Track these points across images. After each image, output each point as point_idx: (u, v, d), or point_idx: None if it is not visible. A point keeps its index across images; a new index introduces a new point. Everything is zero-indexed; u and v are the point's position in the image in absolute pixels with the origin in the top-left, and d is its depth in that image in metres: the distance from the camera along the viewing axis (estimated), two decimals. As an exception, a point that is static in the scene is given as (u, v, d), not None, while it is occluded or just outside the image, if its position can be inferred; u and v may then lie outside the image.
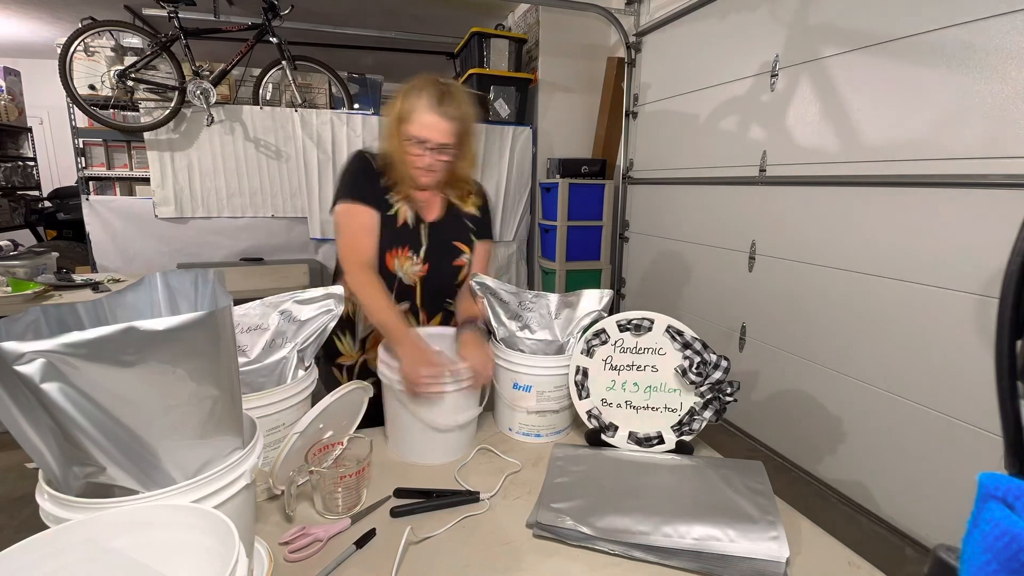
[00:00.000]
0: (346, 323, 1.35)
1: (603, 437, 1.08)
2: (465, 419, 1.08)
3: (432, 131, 1.16)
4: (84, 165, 3.30)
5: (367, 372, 1.32)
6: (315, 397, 0.98)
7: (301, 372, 0.98)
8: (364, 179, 1.23)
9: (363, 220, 1.20)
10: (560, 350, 1.19)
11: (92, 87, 3.23)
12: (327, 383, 1.31)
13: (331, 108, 3.63)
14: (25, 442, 0.55)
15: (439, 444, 1.08)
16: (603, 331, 1.10)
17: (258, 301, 1.04)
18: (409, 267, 1.26)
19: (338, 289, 1.06)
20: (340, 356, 1.36)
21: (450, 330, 1.25)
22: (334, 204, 1.23)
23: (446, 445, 1.08)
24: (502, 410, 1.20)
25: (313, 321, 1.02)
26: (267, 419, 0.89)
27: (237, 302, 0.85)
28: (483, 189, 1.41)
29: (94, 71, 3.23)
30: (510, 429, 1.19)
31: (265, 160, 3.40)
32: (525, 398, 1.14)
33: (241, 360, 0.95)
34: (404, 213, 1.25)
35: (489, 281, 1.24)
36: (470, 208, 1.36)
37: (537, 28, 3.51)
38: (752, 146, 2.36)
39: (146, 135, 3.14)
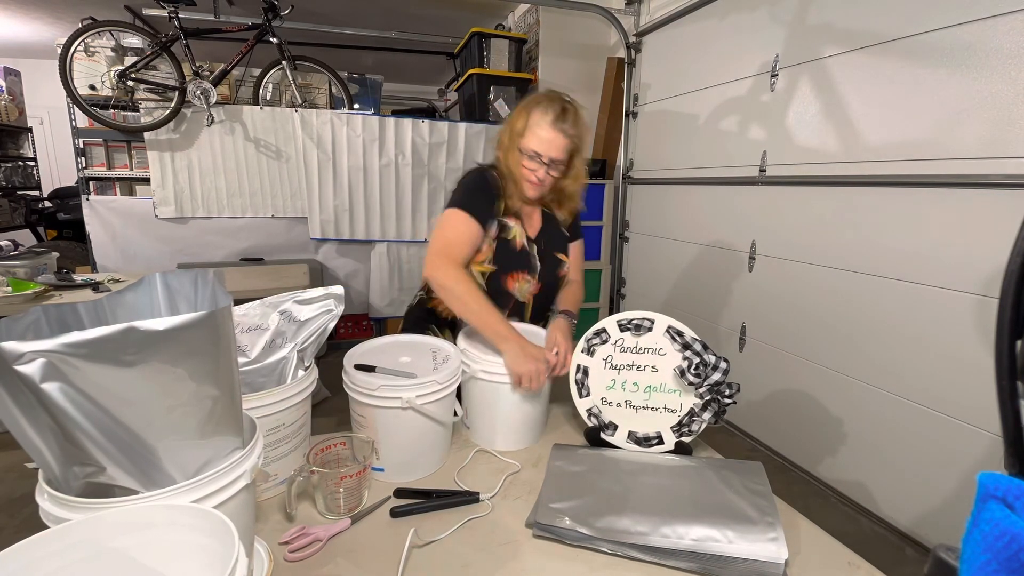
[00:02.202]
0: (445, 322, 1.37)
1: (603, 436, 1.08)
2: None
3: (548, 146, 1.19)
4: (84, 165, 3.30)
5: None
6: (314, 397, 0.98)
7: (301, 372, 0.98)
8: (481, 197, 1.24)
9: (470, 229, 1.21)
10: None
11: (92, 87, 3.23)
12: None
13: (331, 108, 3.64)
14: (25, 442, 0.56)
15: (427, 453, 1.04)
16: (603, 330, 1.10)
17: (258, 301, 1.04)
18: (526, 288, 1.31)
19: (338, 289, 1.06)
20: None
21: (533, 328, 1.27)
22: (447, 207, 1.24)
23: (433, 454, 1.05)
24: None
25: (313, 321, 1.02)
26: (267, 419, 0.89)
27: (237, 302, 0.85)
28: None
29: (94, 71, 3.23)
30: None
31: (265, 160, 3.40)
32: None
33: (241, 360, 0.95)
34: (519, 235, 1.28)
35: None
36: (563, 215, 1.40)
37: (537, 28, 3.51)
38: (752, 146, 2.36)
39: (146, 135, 3.14)
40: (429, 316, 1.36)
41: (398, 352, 1.10)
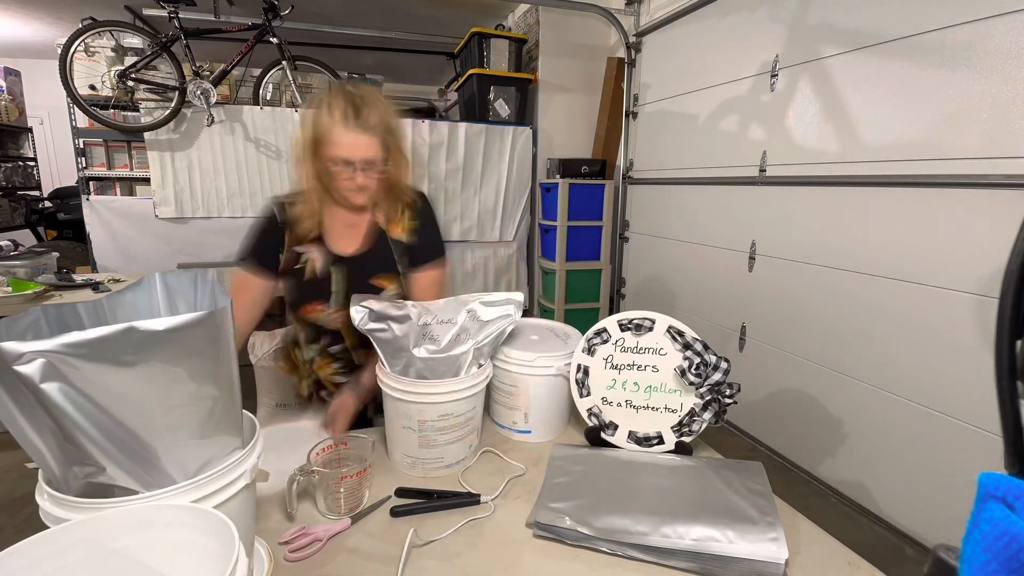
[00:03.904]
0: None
1: (603, 436, 1.08)
2: None
3: (355, 149, 1.08)
4: (84, 165, 3.30)
5: (320, 386, 1.30)
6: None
7: (475, 368, 1.04)
8: (257, 243, 1.22)
9: (238, 280, 1.21)
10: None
11: (92, 87, 3.23)
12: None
13: (331, 108, 3.63)
14: (25, 442, 0.56)
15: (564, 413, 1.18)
16: (604, 330, 1.10)
17: (452, 297, 1.13)
18: (325, 316, 1.21)
19: (518, 296, 1.12)
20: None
21: None
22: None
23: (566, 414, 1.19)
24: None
25: (493, 323, 1.08)
26: (436, 407, 0.97)
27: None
28: (418, 202, 1.25)
29: (94, 71, 3.23)
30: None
31: (265, 160, 3.40)
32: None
33: (431, 347, 1.04)
34: (313, 263, 1.19)
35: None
36: (398, 233, 1.22)
37: (537, 28, 3.51)
38: (752, 146, 2.36)
39: (146, 135, 3.14)
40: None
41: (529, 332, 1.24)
